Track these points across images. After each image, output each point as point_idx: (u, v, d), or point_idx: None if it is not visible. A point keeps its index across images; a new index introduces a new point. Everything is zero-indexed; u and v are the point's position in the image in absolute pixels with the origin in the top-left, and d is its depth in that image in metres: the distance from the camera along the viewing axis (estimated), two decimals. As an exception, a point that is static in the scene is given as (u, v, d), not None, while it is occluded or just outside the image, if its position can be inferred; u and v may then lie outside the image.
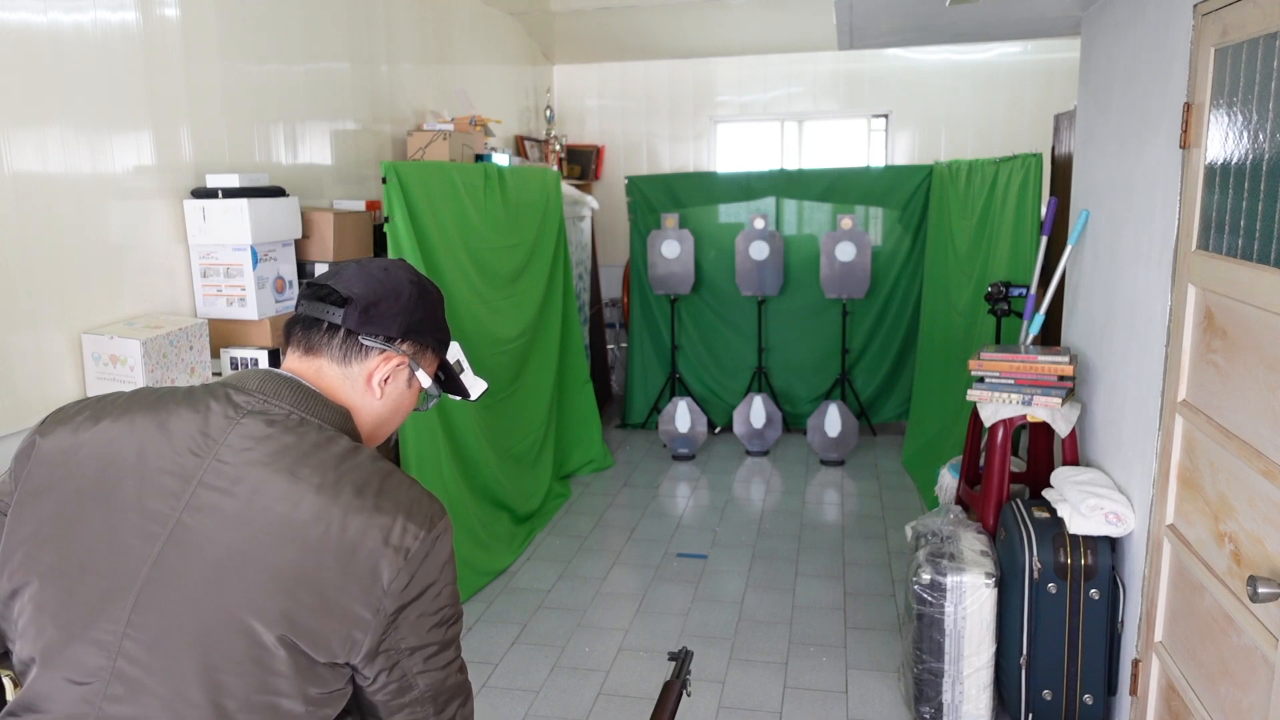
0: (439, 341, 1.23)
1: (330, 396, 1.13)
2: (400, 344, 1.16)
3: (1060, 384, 2.89)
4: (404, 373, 1.18)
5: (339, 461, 1.04)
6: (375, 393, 1.15)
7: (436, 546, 1.05)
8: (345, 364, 1.14)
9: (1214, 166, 2.06)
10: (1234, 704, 1.87)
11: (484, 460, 4.11)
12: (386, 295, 1.15)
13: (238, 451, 1.02)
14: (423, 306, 1.19)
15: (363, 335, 1.13)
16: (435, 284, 1.25)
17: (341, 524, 1.00)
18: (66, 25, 2.50)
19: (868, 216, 5.94)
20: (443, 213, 3.84)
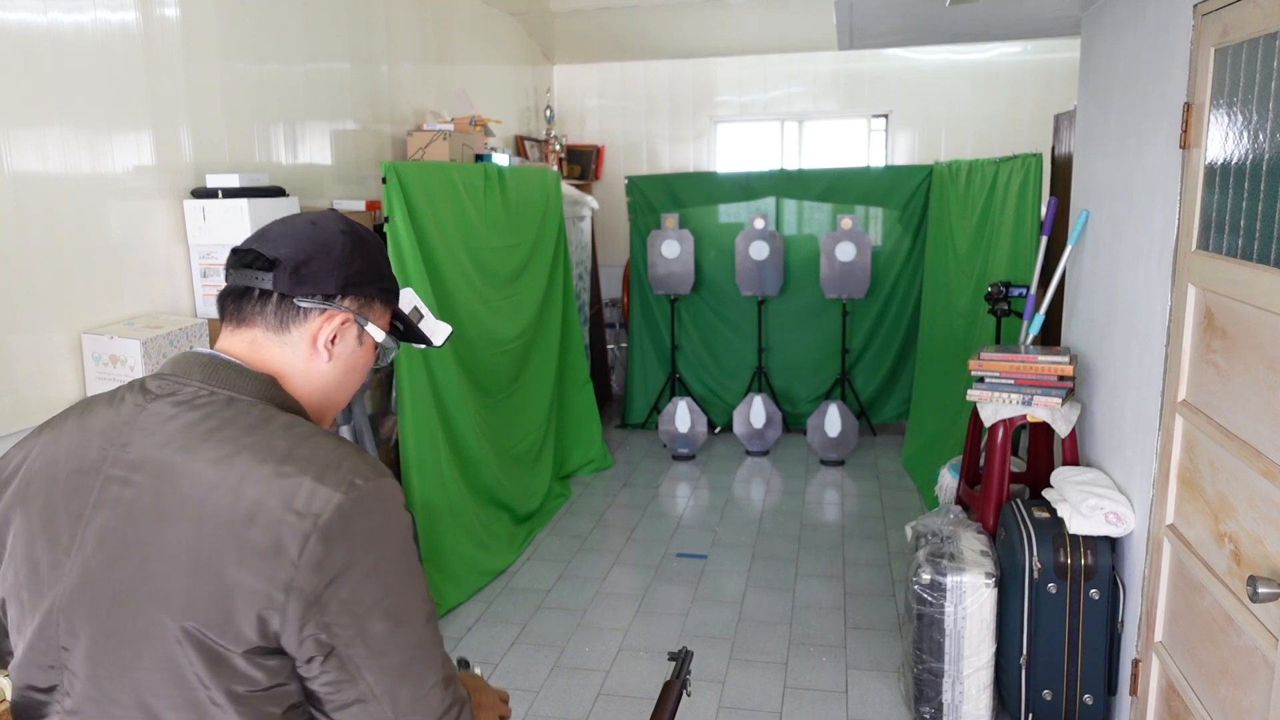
0: (385, 291, 1.14)
1: (265, 367, 1.05)
2: (341, 300, 1.08)
3: (1060, 384, 2.89)
4: (351, 329, 1.10)
5: (246, 432, 0.96)
6: (323, 355, 1.08)
7: (364, 513, 0.93)
8: (283, 331, 1.06)
9: (1214, 166, 2.06)
10: (1234, 704, 1.87)
11: (484, 460, 4.11)
12: (318, 251, 1.07)
13: (143, 438, 0.97)
14: (360, 256, 1.10)
15: (298, 297, 1.05)
16: (370, 230, 1.17)
17: (235, 493, 0.91)
18: (66, 25, 2.50)
19: (868, 216, 5.94)
20: (443, 213, 3.84)
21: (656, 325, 6.24)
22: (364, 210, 3.66)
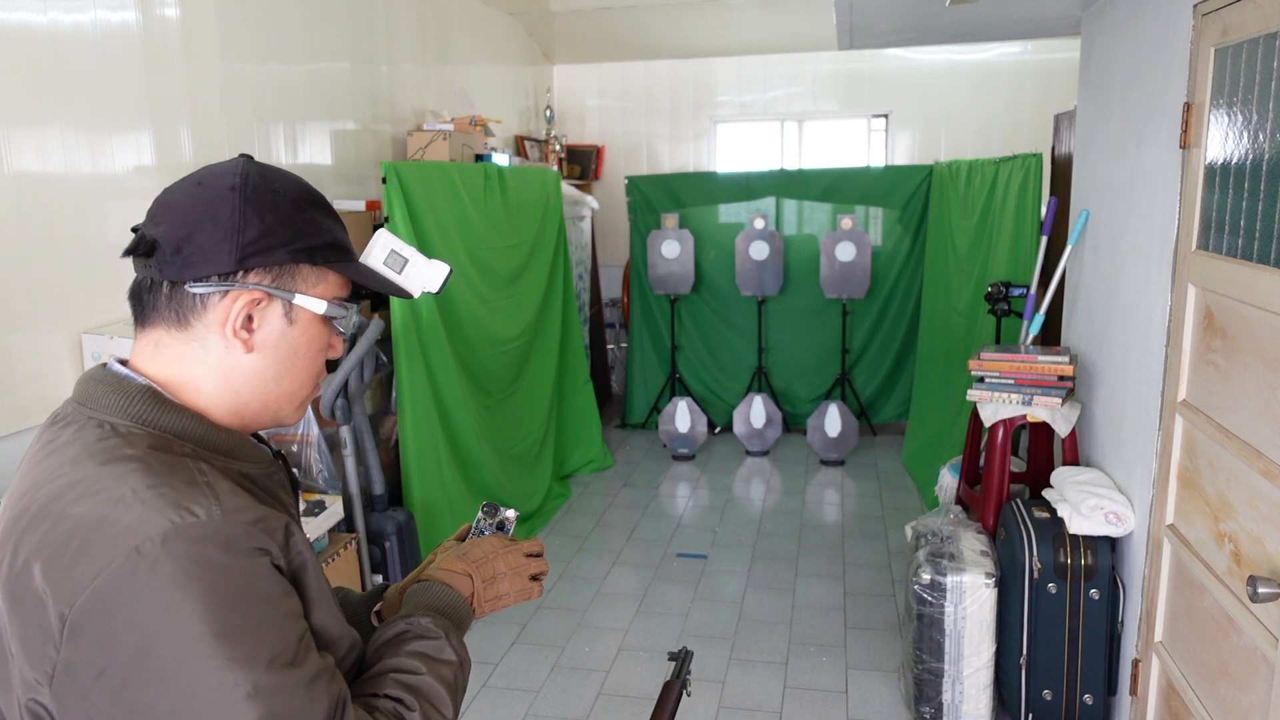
0: (309, 251, 0.90)
1: (165, 374, 0.90)
2: (243, 276, 0.87)
3: (1060, 384, 2.89)
4: (272, 308, 0.90)
5: (64, 470, 0.82)
6: (238, 345, 0.89)
7: (126, 590, 0.73)
8: (184, 325, 0.88)
9: (1214, 166, 2.06)
10: (1234, 704, 1.87)
11: (484, 460, 4.11)
12: (201, 220, 0.86)
13: (30, 470, 0.86)
14: (260, 215, 0.87)
15: (189, 283, 0.87)
16: (284, 175, 0.93)
17: (13, 556, 0.79)
18: (66, 25, 2.50)
19: (868, 216, 5.94)
20: (443, 213, 3.84)
21: (656, 325, 6.24)
22: (364, 210, 3.65)
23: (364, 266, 0.97)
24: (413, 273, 1.00)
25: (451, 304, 3.91)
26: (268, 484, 0.95)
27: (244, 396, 0.92)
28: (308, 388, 0.97)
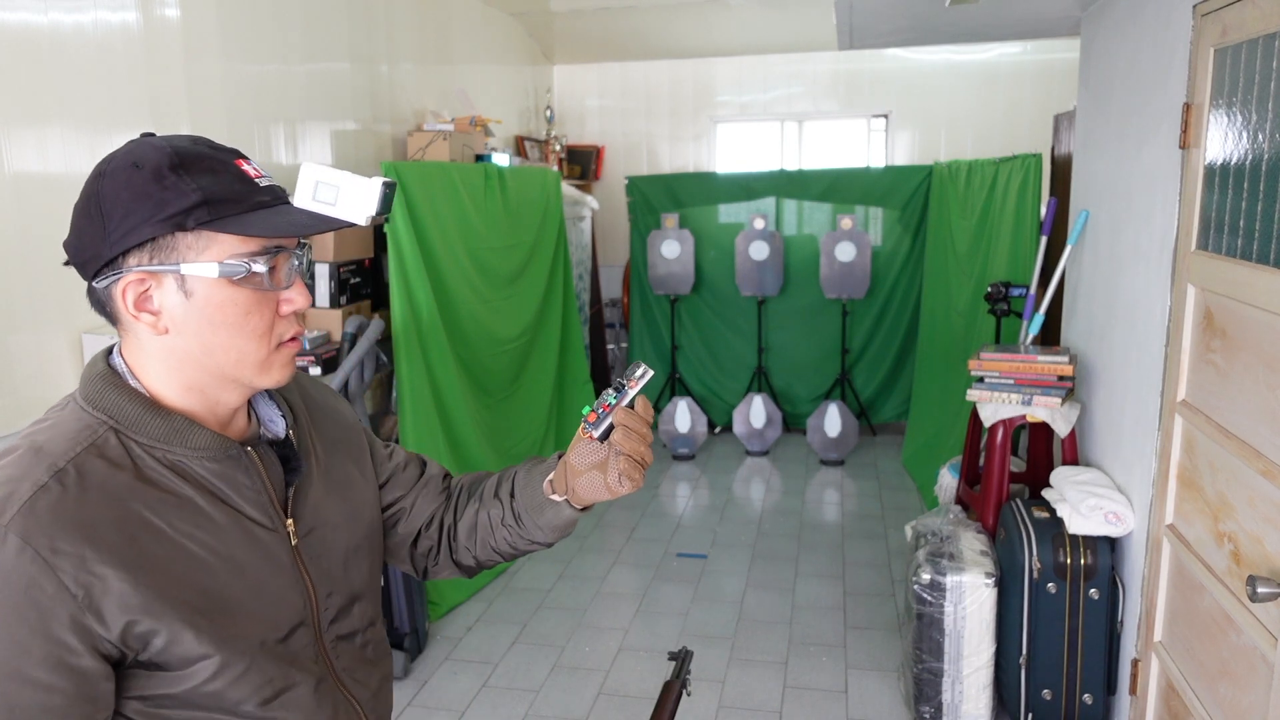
0: (177, 216, 0.85)
1: (132, 360, 0.93)
2: (123, 261, 0.87)
3: (1060, 384, 2.89)
4: (163, 285, 0.88)
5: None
6: (148, 328, 0.89)
7: None
8: (114, 319, 0.91)
9: (1213, 166, 2.06)
10: (1233, 703, 1.87)
11: (484, 460, 4.11)
12: (80, 217, 0.88)
13: None
14: (119, 196, 0.86)
15: (93, 281, 0.89)
16: (155, 141, 0.90)
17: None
18: (67, 25, 2.50)
19: (867, 217, 5.94)
20: (443, 213, 3.84)
21: (656, 325, 6.24)
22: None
23: (264, 215, 0.89)
24: (346, 200, 0.91)
25: (452, 304, 3.91)
26: (214, 475, 0.92)
27: (188, 374, 0.92)
28: (255, 351, 0.92)
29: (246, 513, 0.95)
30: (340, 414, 1.18)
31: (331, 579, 1.04)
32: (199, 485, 0.92)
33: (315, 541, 1.02)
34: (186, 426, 0.91)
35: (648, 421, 1.05)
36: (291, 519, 0.99)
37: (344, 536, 1.07)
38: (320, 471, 1.08)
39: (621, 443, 1.03)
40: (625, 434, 1.03)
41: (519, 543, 1.17)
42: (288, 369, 0.97)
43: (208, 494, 0.92)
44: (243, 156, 0.94)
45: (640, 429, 1.03)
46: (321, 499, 1.05)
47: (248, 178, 0.91)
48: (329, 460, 1.10)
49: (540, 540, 1.16)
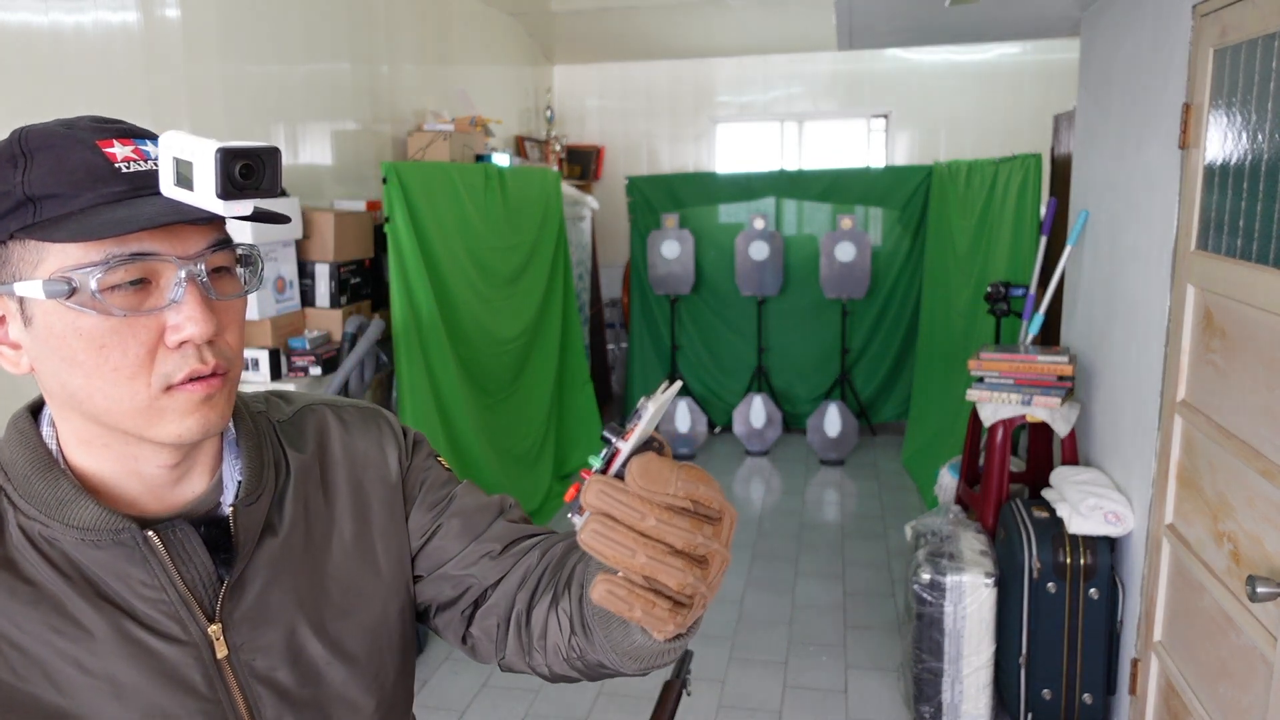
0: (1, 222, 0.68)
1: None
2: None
3: (1059, 384, 2.90)
4: (10, 312, 0.72)
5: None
6: (9, 364, 0.74)
7: None
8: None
9: (1213, 167, 2.06)
10: (1233, 703, 1.87)
11: (484, 460, 4.11)
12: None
13: None
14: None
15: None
16: (19, 129, 0.72)
17: None
18: (67, 26, 2.50)
19: (867, 217, 5.95)
20: (443, 213, 3.84)
21: (656, 325, 6.24)
22: (365, 210, 3.66)
23: (105, 212, 0.67)
24: (202, 180, 0.69)
25: (452, 304, 3.92)
26: (96, 565, 0.72)
27: (76, 424, 0.74)
28: (126, 397, 0.70)
29: (140, 616, 0.73)
30: (382, 464, 0.91)
31: (298, 701, 0.80)
32: (74, 576, 0.72)
33: (264, 649, 0.78)
34: (72, 497, 0.72)
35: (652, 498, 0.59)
36: (220, 624, 0.76)
37: (335, 635, 0.83)
38: (300, 550, 0.83)
39: (597, 548, 0.58)
40: (601, 531, 0.58)
41: (594, 665, 0.79)
42: (193, 418, 0.71)
43: (86, 589, 0.72)
44: (127, 134, 0.71)
45: (633, 515, 0.58)
46: (291, 591, 0.81)
47: (105, 164, 0.68)
48: (328, 532, 0.85)
49: (615, 667, 0.77)
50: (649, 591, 0.59)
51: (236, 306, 0.76)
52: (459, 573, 0.89)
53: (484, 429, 4.18)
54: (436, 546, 0.90)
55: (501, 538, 0.90)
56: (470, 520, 0.91)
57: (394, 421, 0.95)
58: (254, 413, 0.86)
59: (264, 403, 0.89)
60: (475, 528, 0.91)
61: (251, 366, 2.96)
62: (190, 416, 0.71)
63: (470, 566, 0.89)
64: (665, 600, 0.59)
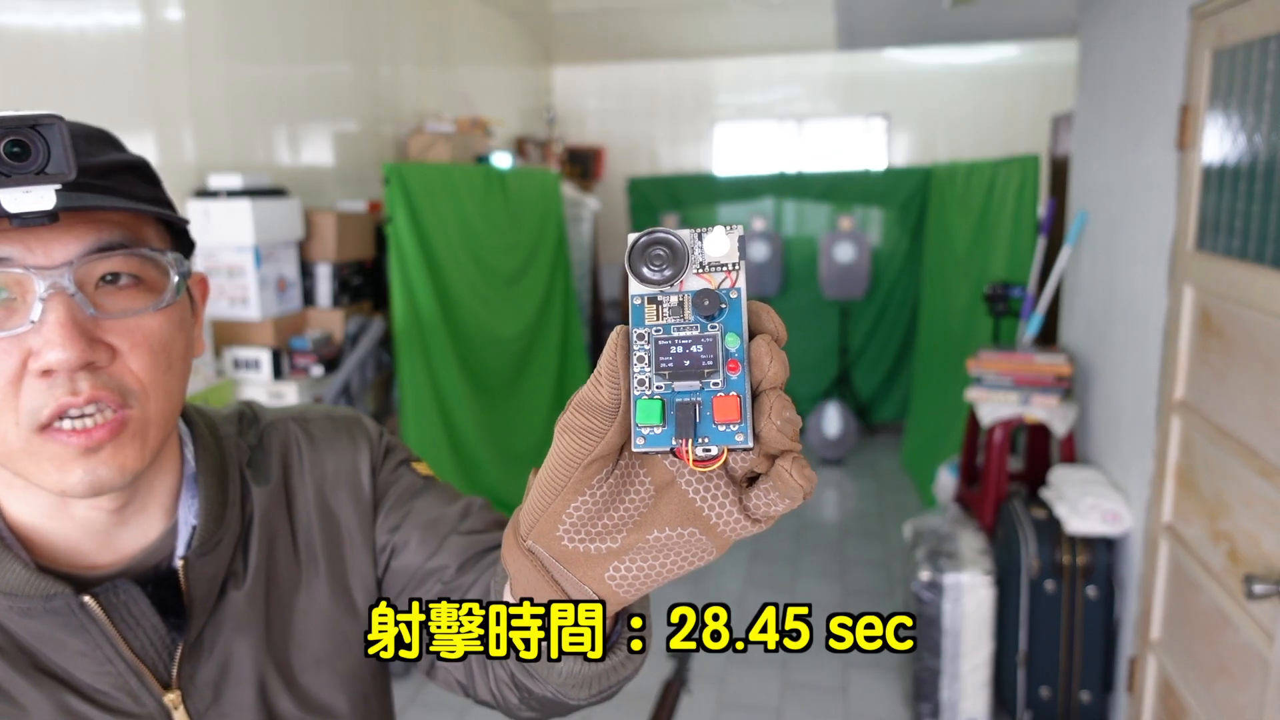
0: None
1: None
2: None
3: (1057, 384, 2.91)
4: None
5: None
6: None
7: None
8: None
9: (1211, 167, 2.07)
10: (1230, 701, 1.88)
11: (485, 459, 4.12)
12: None
13: None
14: None
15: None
16: None
17: None
18: (70, 27, 2.51)
19: (866, 217, 5.96)
20: (444, 214, 3.85)
21: (656, 325, 6.25)
22: (366, 211, 3.67)
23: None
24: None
25: (453, 304, 3.93)
26: (29, 634, 0.64)
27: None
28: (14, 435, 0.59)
29: (84, 689, 0.64)
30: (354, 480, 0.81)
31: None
32: (5, 647, 0.63)
33: (231, 712, 0.70)
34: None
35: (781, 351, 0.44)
36: (178, 691, 0.67)
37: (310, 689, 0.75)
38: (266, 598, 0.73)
39: (789, 430, 0.43)
40: (789, 409, 0.43)
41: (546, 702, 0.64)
42: (75, 472, 0.59)
43: (20, 660, 0.63)
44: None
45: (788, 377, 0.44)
46: (259, 645, 0.72)
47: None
48: (296, 572, 0.76)
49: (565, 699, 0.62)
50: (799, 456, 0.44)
51: (145, 325, 0.61)
52: (417, 597, 0.74)
53: (485, 428, 4.20)
54: (395, 569, 0.79)
55: (459, 553, 0.76)
56: (426, 536, 0.78)
57: (370, 428, 0.84)
58: (221, 438, 0.75)
59: (236, 423, 0.78)
60: (430, 544, 0.78)
61: (252, 367, 2.97)
62: (72, 469, 0.59)
63: (426, 590, 0.77)
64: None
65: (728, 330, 0.43)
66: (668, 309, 0.44)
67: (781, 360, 0.42)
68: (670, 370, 0.43)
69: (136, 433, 0.61)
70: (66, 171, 0.53)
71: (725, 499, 0.44)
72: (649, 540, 0.46)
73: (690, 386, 0.43)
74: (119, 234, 0.61)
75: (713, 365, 0.43)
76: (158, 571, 0.68)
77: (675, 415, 0.43)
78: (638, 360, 0.44)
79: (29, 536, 0.65)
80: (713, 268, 0.44)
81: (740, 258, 0.44)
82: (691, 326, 0.43)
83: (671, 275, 0.43)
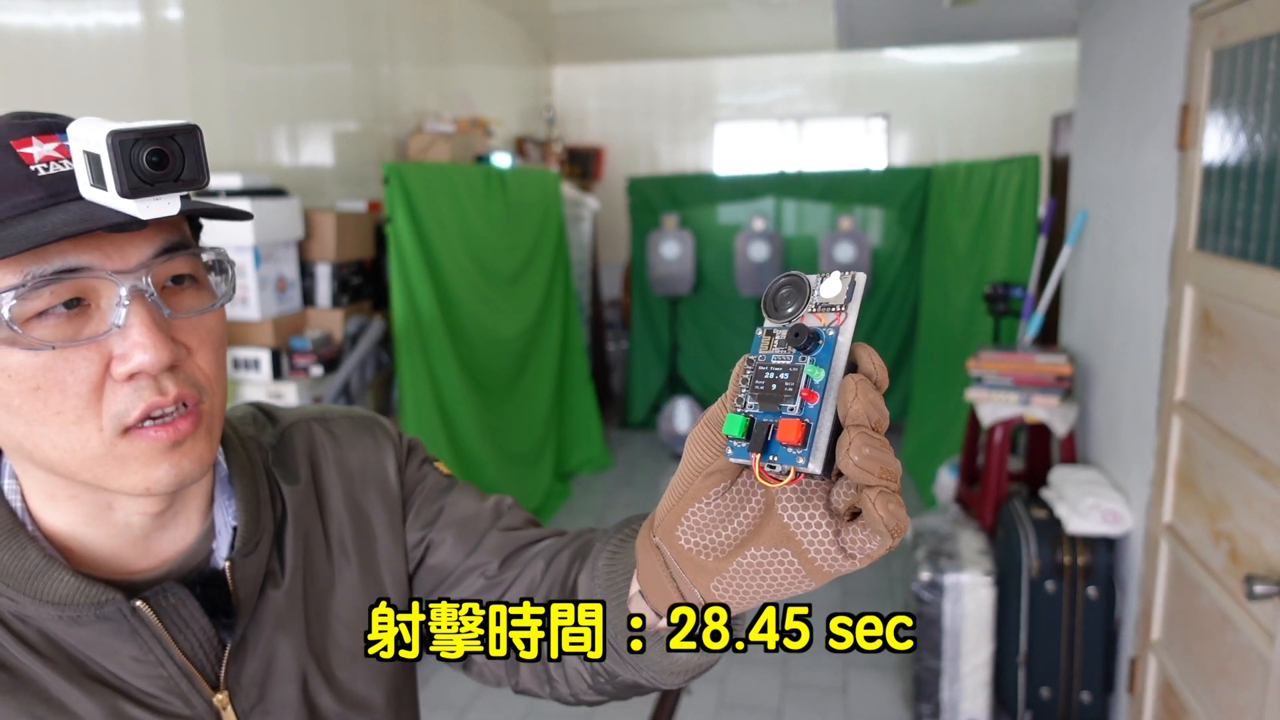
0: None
1: None
2: None
3: (1058, 384, 2.91)
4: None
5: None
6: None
7: None
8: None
9: (1211, 167, 2.07)
10: (1230, 702, 1.88)
11: (484, 459, 4.12)
12: None
13: None
14: None
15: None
16: None
17: None
18: (70, 27, 2.51)
19: (866, 217, 5.96)
20: (444, 214, 3.85)
21: (656, 325, 6.25)
22: (366, 211, 3.67)
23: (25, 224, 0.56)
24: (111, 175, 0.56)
25: (453, 304, 3.93)
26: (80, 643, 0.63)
27: (38, 476, 0.64)
28: (77, 443, 0.59)
29: (137, 695, 0.64)
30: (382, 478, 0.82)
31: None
32: (55, 657, 0.63)
33: (275, 710, 0.72)
34: (42, 568, 0.62)
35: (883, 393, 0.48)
36: (226, 691, 0.68)
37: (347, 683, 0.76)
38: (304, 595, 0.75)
39: (871, 468, 0.45)
40: (870, 448, 0.45)
41: (626, 686, 0.69)
42: (161, 467, 0.61)
43: (70, 669, 0.63)
44: (50, 129, 0.59)
45: (886, 420, 0.47)
46: (299, 641, 0.73)
47: (18, 168, 0.57)
48: (331, 569, 0.77)
49: (654, 684, 0.67)
50: (895, 494, 0.46)
51: (207, 322, 0.63)
52: (456, 594, 0.79)
53: (484, 429, 4.19)
54: (430, 566, 0.81)
55: (499, 550, 0.80)
56: (463, 534, 0.81)
57: (390, 428, 0.86)
58: (244, 438, 0.75)
59: (252, 424, 0.78)
60: (468, 542, 0.80)
61: (252, 367, 2.97)
62: (158, 465, 0.60)
63: (466, 587, 0.79)
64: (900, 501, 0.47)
65: (815, 363, 0.48)
66: (777, 341, 0.50)
67: (868, 400, 0.45)
68: (760, 393, 0.49)
69: (209, 426, 0.63)
70: (201, 179, 0.57)
71: (819, 529, 0.48)
72: (748, 558, 0.50)
73: (772, 409, 0.48)
74: (177, 235, 0.63)
75: (792, 392, 0.48)
76: (200, 574, 0.69)
77: (754, 431, 0.48)
78: (742, 383, 0.50)
79: (68, 545, 0.65)
80: (824, 308, 0.49)
81: (848, 300, 0.49)
82: (786, 357, 0.49)
83: (792, 312, 0.50)
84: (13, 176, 0.57)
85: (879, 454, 0.45)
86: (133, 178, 0.54)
